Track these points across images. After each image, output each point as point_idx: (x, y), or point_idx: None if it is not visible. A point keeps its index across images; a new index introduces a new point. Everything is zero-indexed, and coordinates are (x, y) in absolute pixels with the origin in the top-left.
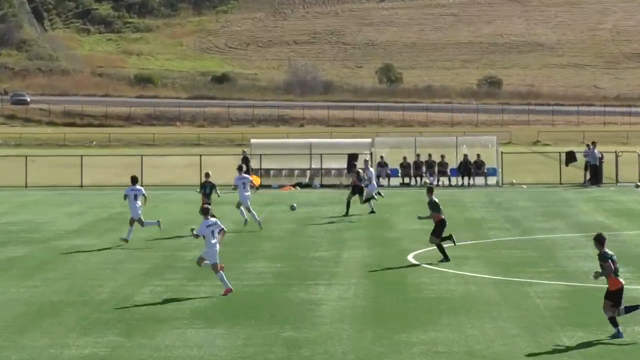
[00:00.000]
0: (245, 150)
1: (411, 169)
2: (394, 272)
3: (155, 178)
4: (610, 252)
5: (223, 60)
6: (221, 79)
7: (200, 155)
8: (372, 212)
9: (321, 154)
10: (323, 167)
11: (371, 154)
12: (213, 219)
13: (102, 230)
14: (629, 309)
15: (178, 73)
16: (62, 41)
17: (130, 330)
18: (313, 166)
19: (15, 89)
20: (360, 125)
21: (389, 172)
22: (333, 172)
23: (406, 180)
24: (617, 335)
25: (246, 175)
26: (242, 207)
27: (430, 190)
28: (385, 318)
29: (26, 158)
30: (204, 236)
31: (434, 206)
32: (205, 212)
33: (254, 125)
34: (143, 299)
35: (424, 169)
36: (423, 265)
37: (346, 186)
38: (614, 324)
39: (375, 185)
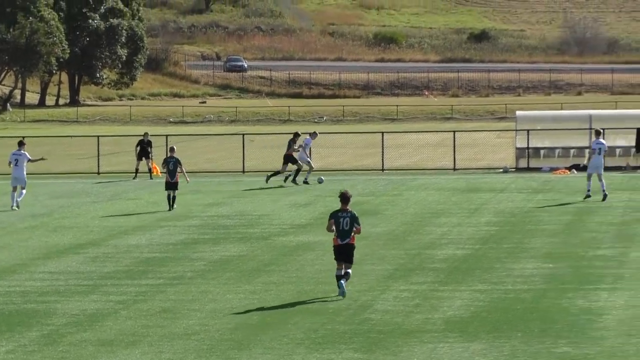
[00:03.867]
0: (148, 131)
1: None
2: None
3: (399, 160)
4: (345, 214)
5: (482, 14)
6: (480, 38)
7: (454, 132)
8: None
9: (603, 129)
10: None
11: None
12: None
13: None
14: (338, 277)
15: (427, 31)
16: None
17: (370, 345)
18: None
19: (230, 52)
20: None
21: None
22: (618, 151)
23: None
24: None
25: (22, 152)
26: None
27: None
28: None
29: (243, 137)
30: None
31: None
32: None
33: (519, 94)
34: (385, 307)
35: None
36: None
37: (635, 168)
38: (338, 283)
39: None
